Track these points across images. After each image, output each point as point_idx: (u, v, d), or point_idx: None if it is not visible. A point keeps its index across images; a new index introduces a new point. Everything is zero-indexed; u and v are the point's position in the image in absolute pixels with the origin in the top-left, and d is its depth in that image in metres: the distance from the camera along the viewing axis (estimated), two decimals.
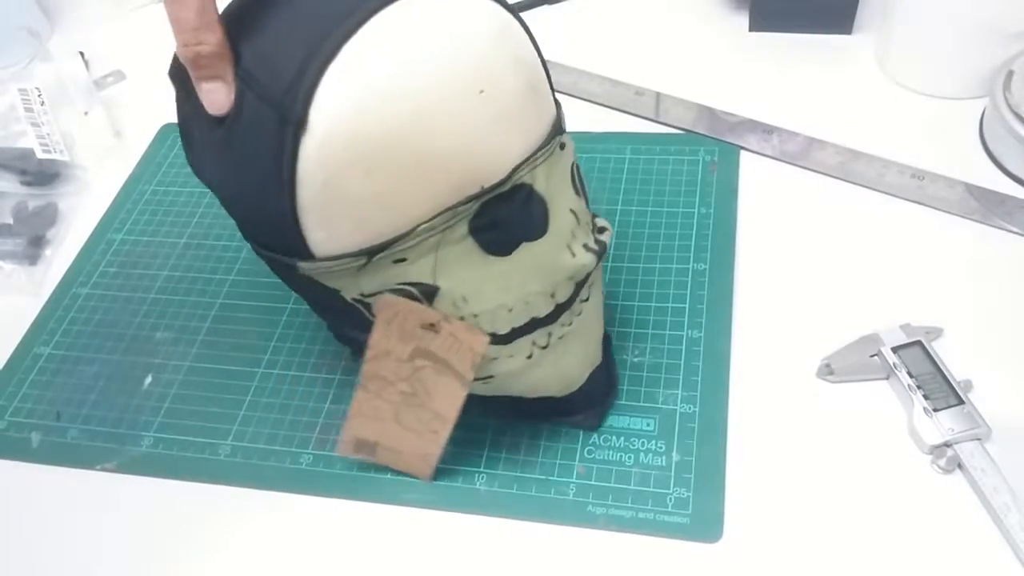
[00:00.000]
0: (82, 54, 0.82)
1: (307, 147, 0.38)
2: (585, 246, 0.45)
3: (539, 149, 0.42)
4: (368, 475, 0.53)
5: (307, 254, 0.42)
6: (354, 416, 0.50)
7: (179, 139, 0.74)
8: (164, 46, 0.85)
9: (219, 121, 0.40)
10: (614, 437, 0.52)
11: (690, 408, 0.53)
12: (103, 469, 0.56)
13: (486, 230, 0.42)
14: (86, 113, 0.77)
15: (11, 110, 0.76)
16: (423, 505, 0.51)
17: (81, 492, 0.55)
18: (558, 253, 0.44)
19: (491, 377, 0.46)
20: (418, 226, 0.40)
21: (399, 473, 0.52)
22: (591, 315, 0.48)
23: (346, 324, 0.47)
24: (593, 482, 0.50)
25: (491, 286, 0.43)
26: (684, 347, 0.55)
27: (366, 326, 0.45)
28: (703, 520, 0.48)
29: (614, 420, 0.53)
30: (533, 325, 0.45)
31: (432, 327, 0.44)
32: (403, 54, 0.38)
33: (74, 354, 0.62)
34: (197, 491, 0.54)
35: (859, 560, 0.46)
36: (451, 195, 0.40)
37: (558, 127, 0.44)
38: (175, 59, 0.41)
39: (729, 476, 0.50)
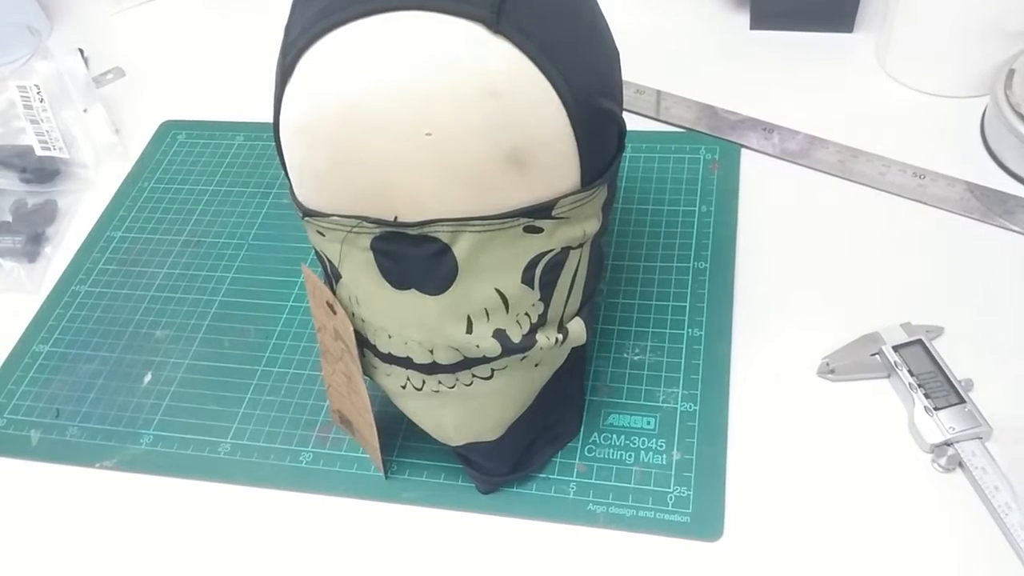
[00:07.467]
0: (81, 51, 0.82)
1: (288, 92, 0.41)
2: (498, 332, 0.43)
3: (479, 219, 0.40)
4: (368, 474, 0.52)
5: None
6: (328, 387, 0.51)
7: (178, 136, 0.75)
8: (163, 44, 0.86)
9: None
10: (614, 436, 0.52)
11: (690, 407, 0.53)
12: (102, 467, 0.56)
13: (383, 255, 0.42)
14: (85, 110, 0.77)
15: (10, 107, 0.76)
16: (423, 504, 0.51)
17: (80, 490, 0.55)
18: (449, 319, 0.42)
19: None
20: (333, 214, 0.42)
21: (399, 472, 0.52)
22: (489, 394, 0.46)
23: None
24: (593, 480, 0.50)
25: (379, 305, 0.43)
26: (684, 346, 0.55)
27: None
28: (704, 519, 0.48)
29: (615, 419, 0.53)
30: (409, 363, 0.44)
31: (331, 307, 0.45)
32: (359, 65, 0.38)
33: (73, 352, 0.62)
34: (196, 489, 0.54)
35: (859, 559, 0.46)
36: (366, 206, 0.40)
37: (535, 212, 0.40)
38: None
39: (730, 475, 0.50)
